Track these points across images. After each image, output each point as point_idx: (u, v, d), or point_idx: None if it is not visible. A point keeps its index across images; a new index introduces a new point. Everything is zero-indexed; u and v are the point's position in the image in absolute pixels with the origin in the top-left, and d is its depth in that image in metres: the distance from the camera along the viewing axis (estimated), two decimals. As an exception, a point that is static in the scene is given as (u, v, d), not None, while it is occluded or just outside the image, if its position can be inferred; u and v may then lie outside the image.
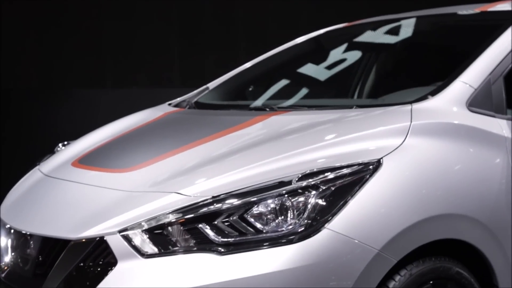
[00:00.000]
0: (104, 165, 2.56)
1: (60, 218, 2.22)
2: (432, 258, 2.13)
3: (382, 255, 1.97)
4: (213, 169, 2.19)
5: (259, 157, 2.18)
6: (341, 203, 1.98)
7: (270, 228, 1.96)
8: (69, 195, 2.36)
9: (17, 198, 2.61)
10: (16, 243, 2.33)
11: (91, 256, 2.01)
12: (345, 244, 1.93)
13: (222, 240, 1.95)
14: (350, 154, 2.12)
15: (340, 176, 2.03)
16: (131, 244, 1.97)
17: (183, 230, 1.98)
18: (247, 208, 1.98)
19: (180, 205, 2.01)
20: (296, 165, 2.08)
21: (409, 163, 2.13)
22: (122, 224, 2.00)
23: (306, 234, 1.93)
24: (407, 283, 2.05)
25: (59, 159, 2.80)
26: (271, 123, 2.59)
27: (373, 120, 2.34)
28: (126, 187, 2.22)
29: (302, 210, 1.97)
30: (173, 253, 1.95)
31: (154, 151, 2.53)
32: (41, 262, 2.16)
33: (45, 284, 2.09)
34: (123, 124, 3.06)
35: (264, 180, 2.04)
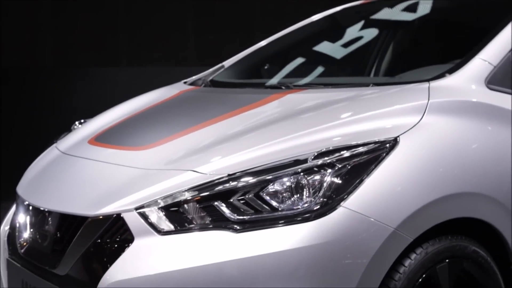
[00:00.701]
0: (120, 143, 2.57)
1: (77, 195, 2.24)
2: (448, 237, 2.12)
3: (398, 233, 1.96)
4: (228, 147, 2.20)
5: (275, 135, 2.17)
6: (357, 181, 1.98)
7: (285, 206, 1.96)
8: (86, 173, 2.38)
9: (35, 175, 2.63)
10: (34, 219, 2.36)
11: (108, 233, 2.02)
12: (361, 222, 1.93)
13: (237, 217, 1.95)
14: (367, 132, 2.10)
15: (356, 155, 2.03)
16: (148, 221, 1.98)
17: (199, 207, 1.99)
18: (263, 186, 1.98)
19: (196, 183, 2.01)
20: (312, 143, 2.08)
21: (426, 142, 2.11)
22: (138, 201, 2.01)
23: (321, 212, 1.93)
24: (423, 262, 2.05)
25: (76, 137, 2.82)
26: (287, 101, 2.58)
27: (390, 98, 2.33)
28: (142, 165, 2.23)
29: (317, 188, 1.97)
30: (189, 230, 1.96)
31: (169, 129, 2.53)
32: (59, 239, 2.18)
33: (64, 260, 2.11)
34: (139, 103, 3.07)
35: (279, 158, 2.04)
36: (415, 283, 2.04)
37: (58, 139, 2.96)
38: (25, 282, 2.32)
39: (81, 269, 2.06)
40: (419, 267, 2.03)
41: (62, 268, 2.11)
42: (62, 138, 2.96)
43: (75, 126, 3.18)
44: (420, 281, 2.05)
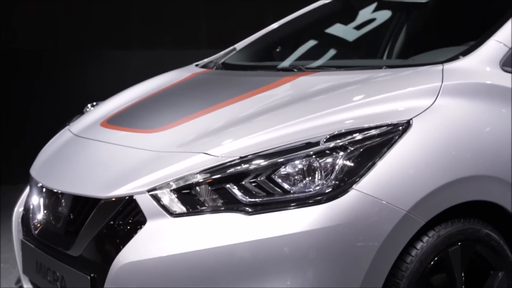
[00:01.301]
0: (133, 125, 2.57)
1: (90, 177, 2.25)
2: (461, 220, 2.11)
3: (410, 216, 1.96)
4: (240, 129, 2.19)
5: (287, 118, 2.16)
6: (369, 164, 1.97)
7: (297, 188, 1.96)
8: (99, 155, 2.39)
9: (48, 157, 2.65)
10: (48, 201, 2.38)
11: (120, 215, 2.03)
12: (373, 205, 1.92)
13: (249, 200, 1.95)
14: (379, 115, 2.09)
15: (369, 137, 2.02)
16: (160, 203, 1.99)
17: (210, 190, 1.99)
18: (275, 169, 1.98)
19: (208, 165, 2.01)
20: (324, 126, 2.07)
21: (439, 124, 2.10)
22: (150, 183, 2.02)
23: (333, 195, 1.92)
24: (435, 245, 2.04)
25: (88, 119, 2.83)
26: (299, 84, 2.57)
27: (403, 80, 2.31)
28: (154, 147, 2.23)
29: (329, 171, 1.97)
30: (201, 212, 1.97)
31: (181, 112, 2.53)
32: (72, 220, 2.20)
33: (77, 242, 2.13)
34: (151, 85, 3.07)
35: (291, 141, 2.03)
36: (427, 266, 2.04)
37: (71, 122, 2.97)
38: (39, 263, 2.35)
39: (94, 251, 2.08)
40: (431, 250, 2.03)
41: (76, 249, 2.13)
42: (75, 120, 2.97)
43: (88, 109, 3.19)
44: (432, 264, 2.05)
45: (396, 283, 1.98)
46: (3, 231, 4.72)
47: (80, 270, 2.09)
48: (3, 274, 3.93)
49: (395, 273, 1.98)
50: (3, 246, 4.47)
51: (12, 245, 2.63)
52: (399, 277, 1.98)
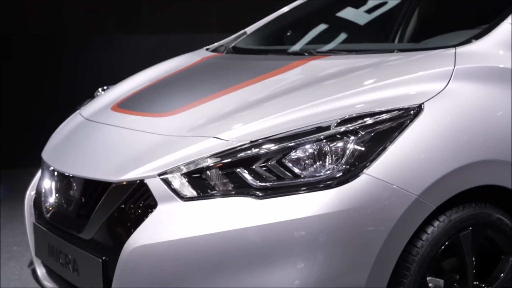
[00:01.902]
0: (143, 109, 2.58)
1: (101, 161, 2.26)
2: (472, 204, 2.11)
3: (421, 201, 1.95)
4: (251, 114, 2.19)
5: (297, 102, 2.16)
6: (380, 148, 1.96)
7: (308, 173, 1.96)
8: (109, 139, 2.40)
9: (59, 141, 2.66)
10: (59, 185, 2.39)
11: (131, 199, 2.04)
12: (384, 190, 1.92)
13: (260, 184, 1.95)
14: (390, 99, 2.08)
15: (380, 122, 2.01)
16: (171, 187, 1.99)
17: (221, 174, 1.99)
18: (285, 153, 1.98)
19: (218, 149, 2.01)
20: (334, 110, 2.06)
21: (451, 109, 2.08)
22: (161, 167, 2.02)
23: (344, 179, 1.92)
24: (446, 229, 2.04)
25: (99, 103, 2.84)
26: (310, 68, 2.56)
27: (415, 64, 2.29)
28: (165, 131, 2.23)
29: (340, 155, 1.96)
30: (212, 196, 1.97)
31: (192, 96, 2.53)
32: (84, 204, 2.21)
33: (88, 225, 2.14)
34: (161, 69, 3.07)
35: (302, 125, 2.02)
36: (437, 251, 2.03)
37: (82, 106, 2.98)
38: (51, 245, 2.37)
39: (105, 234, 2.09)
40: (442, 234, 2.03)
41: (87, 232, 2.14)
42: (86, 104, 2.98)
43: (98, 93, 3.19)
44: (443, 249, 2.05)
45: (406, 268, 1.98)
46: (16, 214, 4.76)
47: (91, 253, 2.11)
48: (16, 257, 3.98)
49: (406, 257, 1.98)
50: (15, 229, 4.52)
51: (25, 228, 2.65)
52: (410, 261, 1.98)
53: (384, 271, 1.93)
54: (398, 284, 1.97)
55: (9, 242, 4.29)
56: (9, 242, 4.29)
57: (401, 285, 1.97)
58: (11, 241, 4.30)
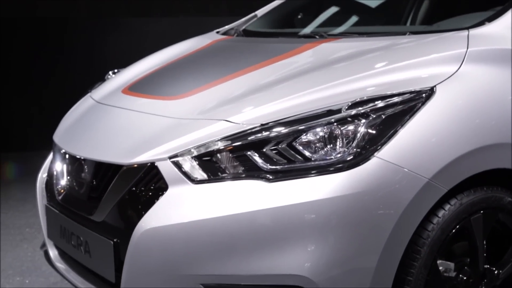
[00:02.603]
0: (154, 92, 2.58)
1: (112, 144, 2.26)
2: (483, 188, 2.10)
3: (432, 184, 1.94)
4: (261, 97, 2.18)
5: (308, 85, 2.15)
6: (391, 132, 1.95)
7: (318, 156, 1.95)
8: (120, 122, 2.40)
9: (70, 124, 2.67)
10: (71, 167, 2.40)
11: (142, 181, 2.05)
12: (395, 173, 1.91)
13: (270, 167, 1.95)
14: (402, 82, 2.07)
15: (391, 105, 2.00)
16: (181, 170, 2.00)
17: (231, 157, 1.99)
18: (296, 136, 1.97)
19: (229, 132, 2.01)
20: (345, 93, 2.05)
21: (463, 92, 2.07)
22: (172, 150, 2.02)
23: (355, 163, 1.91)
24: (457, 212, 2.03)
25: (110, 86, 2.84)
26: (321, 51, 2.54)
27: (427, 47, 2.27)
28: (175, 114, 2.24)
29: (351, 139, 1.95)
30: (222, 179, 1.97)
31: (202, 79, 2.53)
32: (95, 186, 2.22)
33: (100, 207, 2.15)
34: (172, 52, 3.06)
35: (312, 108, 2.02)
36: (448, 234, 2.03)
37: (93, 89, 2.99)
38: (63, 227, 2.39)
39: (116, 216, 2.11)
40: (453, 218, 2.02)
41: (99, 214, 2.16)
42: (96, 87, 2.99)
43: (109, 76, 3.19)
44: (453, 232, 2.05)
45: (417, 251, 1.97)
46: (28, 197, 4.81)
47: (103, 235, 2.12)
48: (29, 239, 4.02)
49: (416, 240, 1.97)
50: (28, 211, 4.56)
51: (37, 210, 2.67)
52: (420, 244, 1.98)
53: (395, 254, 1.93)
54: (408, 267, 1.97)
55: (22, 224, 4.34)
56: (21, 224, 4.34)
57: (412, 268, 1.97)
58: (24, 223, 4.34)
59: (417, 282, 1.98)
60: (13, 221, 4.40)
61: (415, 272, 1.97)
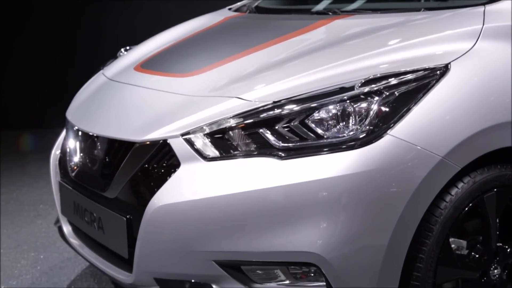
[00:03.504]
0: (166, 69, 2.57)
1: (124, 121, 2.27)
2: (497, 166, 2.09)
3: (446, 162, 1.93)
4: (273, 74, 2.17)
5: (321, 62, 2.13)
6: (404, 109, 1.94)
7: (331, 133, 1.95)
8: (133, 99, 2.40)
9: (83, 101, 2.68)
10: (83, 144, 2.41)
11: (155, 158, 2.05)
12: (408, 151, 1.90)
13: (282, 145, 1.95)
14: (416, 59, 2.05)
15: (404, 82, 1.98)
16: (193, 147, 2.00)
17: (243, 134, 1.99)
18: (308, 114, 1.97)
19: (241, 110, 2.01)
20: (358, 70, 2.04)
21: (478, 69, 2.04)
22: (184, 127, 2.02)
23: (367, 140, 1.90)
24: (470, 190, 2.02)
25: (122, 63, 2.84)
26: (334, 28, 2.52)
27: (441, 23, 2.25)
28: (187, 91, 2.23)
29: (364, 116, 1.94)
30: (234, 156, 1.97)
31: (214, 56, 2.52)
32: (108, 163, 2.23)
33: (113, 184, 2.17)
34: (184, 29, 3.05)
35: (325, 86, 2.01)
36: (461, 212, 2.02)
37: (105, 66, 2.99)
38: (76, 204, 2.41)
39: (129, 193, 2.12)
40: (466, 196, 2.01)
41: (111, 191, 2.17)
42: (109, 64, 2.99)
43: (121, 53, 3.19)
44: (466, 210, 2.04)
45: (429, 229, 1.97)
46: (42, 173, 4.85)
47: (116, 211, 2.14)
48: (43, 215, 4.06)
49: (429, 218, 1.97)
50: (42, 188, 4.61)
51: (51, 187, 2.70)
52: (433, 222, 1.97)
53: (407, 232, 1.92)
54: (420, 245, 1.97)
55: (36, 200, 4.38)
56: (35, 200, 4.38)
57: (424, 246, 1.97)
58: (38, 199, 4.39)
59: (429, 259, 1.98)
60: (28, 198, 4.45)
61: (427, 249, 1.97)
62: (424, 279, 1.99)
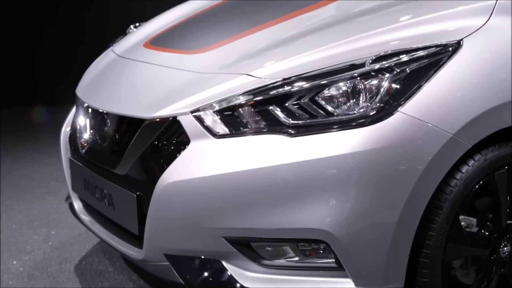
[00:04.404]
0: (175, 46, 2.56)
1: (134, 98, 2.27)
2: (509, 143, 2.07)
3: (457, 139, 1.92)
4: (283, 51, 2.16)
5: (331, 39, 2.12)
6: (415, 86, 1.92)
7: (341, 111, 1.94)
8: (142, 76, 2.40)
9: (92, 78, 2.68)
10: (94, 121, 2.42)
11: (164, 135, 2.05)
12: (418, 128, 1.89)
13: (292, 122, 1.94)
14: (427, 35, 2.02)
15: (416, 59, 1.96)
16: (203, 124, 2.00)
17: (253, 111, 1.98)
18: (318, 91, 1.95)
19: (251, 87, 2.00)
20: (369, 47, 2.02)
21: (491, 45, 2.02)
22: (194, 104, 2.02)
23: (378, 117, 1.89)
24: (481, 168, 2.01)
25: (131, 40, 2.83)
26: (344, 4, 2.50)
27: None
28: (197, 68, 2.23)
29: (374, 93, 1.93)
30: (244, 134, 1.97)
31: (224, 33, 2.51)
32: (118, 140, 2.24)
33: (123, 161, 2.17)
34: (194, 6, 3.03)
35: (335, 63, 1.99)
36: (471, 189, 2.02)
37: (114, 43, 2.98)
38: (87, 180, 2.42)
39: (139, 170, 2.12)
40: (476, 173, 2.01)
41: (122, 168, 2.18)
42: (118, 41, 2.98)
43: (130, 30, 3.18)
44: (477, 188, 2.03)
45: (439, 206, 1.97)
46: (52, 151, 4.88)
47: (126, 188, 2.15)
48: (54, 191, 4.09)
49: (439, 196, 1.97)
50: (52, 165, 4.64)
51: (61, 164, 2.71)
52: (443, 200, 1.97)
53: (416, 209, 1.92)
54: (430, 222, 1.97)
55: (47, 177, 4.41)
56: (46, 177, 4.41)
57: (433, 223, 1.97)
58: (49, 176, 4.42)
59: (439, 237, 1.98)
60: (39, 175, 4.48)
61: (437, 227, 1.97)
62: (433, 256, 1.99)
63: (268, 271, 1.99)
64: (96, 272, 2.88)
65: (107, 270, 2.90)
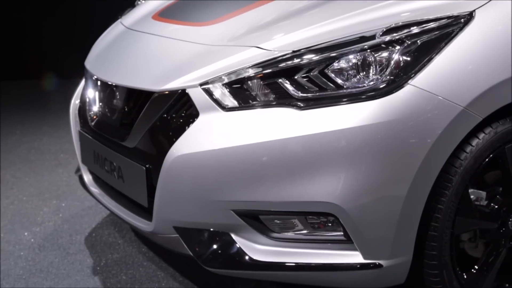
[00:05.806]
0: (184, 18, 2.55)
1: (143, 70, 2.26)
2: (520, 116, 2.06)
3: (467, 112, 1.90)
4: (292, 23, 2.14)
5: (341, 11, 2.09)
6: (426, 59, 1.90)
7: (351, 83, 1.92)
8: (151, 48, 2.39)
9: (101, 50, 2.67)
10: (103, 93, 2.41)
11: (173, 108, 2.05)
12: (429, 101, 1.87)
13: (301, 95, 1.93)
14: (439, 7, 1.99)
15: (427, 31, 1.93)
16: (212, 97, 1.99)
17: (262, 84, 1.97)
18: (328, 63, 1.94)
19: (260, 59, 1.99)
20: (379, 19, 1.99)
21: (503, 16, 1.98)
22: (202, 77, 2.01)
23: (388, 90, 1.88)
24: (491, 141, 2.00)
25: (140, 12, 2.81)
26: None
27: (467, -31, 2.17)
28: (206, 40, 2.21)
29: (384, 66, 1.91)
30: (253, 107, 1.96)
31: (233, 5, 2.48)
32: (127, 112, 2.24)
33: (132, 133, 2.18)
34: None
35: (345, 35, 1.97)
36: (481, 163, 2.01)
37: (123, 15, 2.96)
38: (96, 153, 2.43)
39: (148, 143, 2.13)
40: (487, 146, 1.99)
41: (131, 141, 2.18)
42: (127, 13, 2.96)
43: (139, 2, 3.16)
44: (487, 161, 2.02)
45: (448, 179, 1.96)
46: (62, 123, 4.90)
47: (135, 161, 2.15)
48: (64, 164, 4.11)
49: (448, 169, 1.96)
50: (62, 138, 4.66)
51: (71, 137, 2.72)
52: (452, 173, 1.96)
53: (426, 183, 1.92)
54: (439, 196, 1.96)
55: (57, 149, 4.43)
56: (56, 149, 4.44)
57: (443, 196, 1.96)
58: (58, 149, 4.44)
59: (448, 210, 1.98)
60: (48, 147, 4.50)
61: (446, 200, 1.97)
62: (442, 229, 1.99)
63: (277, 244, 2.00)
64: (106, 244, 2.91)
65: (117, 242, 2.93)
